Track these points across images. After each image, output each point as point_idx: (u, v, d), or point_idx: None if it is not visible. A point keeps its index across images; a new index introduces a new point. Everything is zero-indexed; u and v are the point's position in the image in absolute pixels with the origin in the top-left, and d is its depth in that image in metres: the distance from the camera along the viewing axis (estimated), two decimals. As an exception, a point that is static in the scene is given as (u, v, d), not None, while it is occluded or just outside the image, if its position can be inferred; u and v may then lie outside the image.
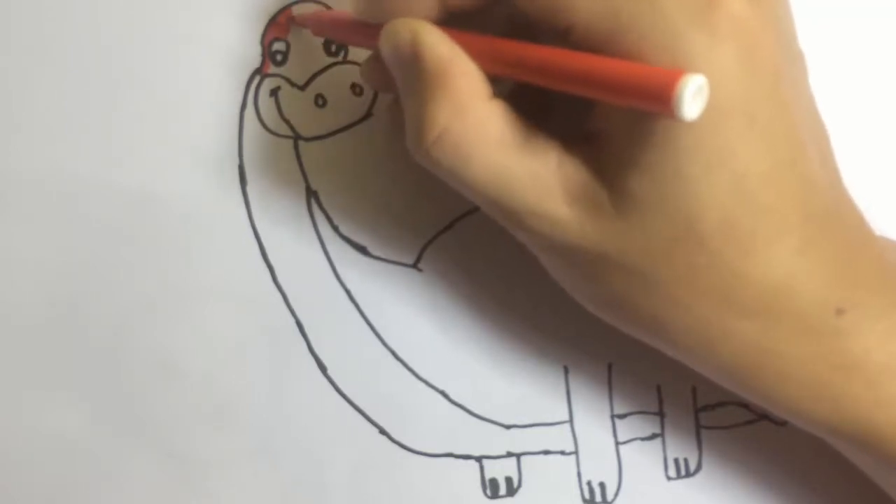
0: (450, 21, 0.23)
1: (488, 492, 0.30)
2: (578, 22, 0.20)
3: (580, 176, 0.22)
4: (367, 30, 0.24)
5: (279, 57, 0.29)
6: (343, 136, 0.29)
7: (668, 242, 0.21)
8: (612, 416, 0.31)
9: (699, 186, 0.20)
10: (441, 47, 0.22)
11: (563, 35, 0.21)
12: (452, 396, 0.30)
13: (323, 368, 0.30)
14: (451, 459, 0.30)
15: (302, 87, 0.29)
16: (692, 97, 0.18)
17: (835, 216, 0.22)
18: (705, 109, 0.18)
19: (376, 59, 0.25)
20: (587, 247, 0.22)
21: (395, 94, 0.25)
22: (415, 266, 0.30)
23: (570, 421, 0.31)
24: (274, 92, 0.29)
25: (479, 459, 0.30)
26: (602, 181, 0.22)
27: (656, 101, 0.18)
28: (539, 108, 0.23)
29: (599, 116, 0.22)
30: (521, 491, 0.30)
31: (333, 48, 0.29)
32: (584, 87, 0.20)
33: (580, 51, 0.20)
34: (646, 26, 0.20)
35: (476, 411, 0.30)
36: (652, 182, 0.21)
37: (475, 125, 0.21)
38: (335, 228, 0.30)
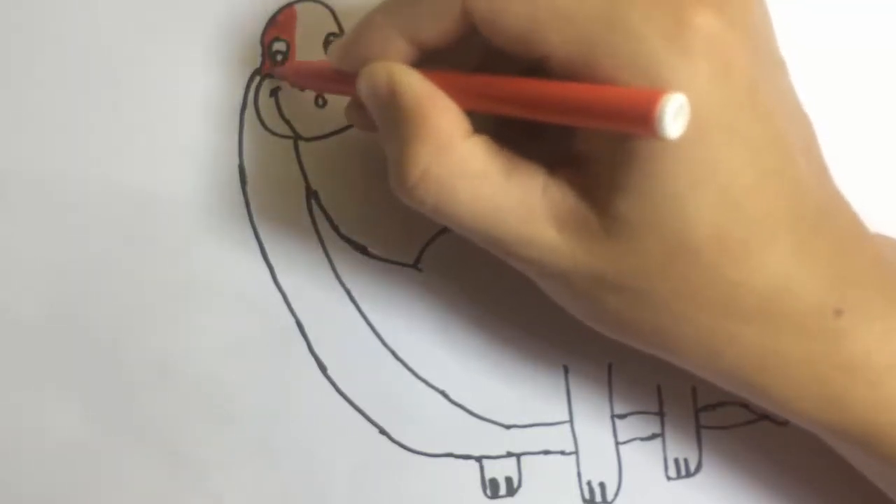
0: (424, 59, 0.23)
1: (488, 492, 0.30)
2: (553, 52, 0.20)
3: (567, 200, 0.22)
4: (346, 77, 0.24)
5: (279, 57, 0.29)
6: (343, 136, 0.29)
7: (662, 260, 0.21)
8: (612, 416, 0.31)
9: (686, 203, 0.20)
10: (417, 87, 0.22)
11: (538, 65, 0.21)
12: (452, 396, 0.30)
13: (323, 368, 0.30)
14: (451, 459, 0.30)
15: (302, 88, 0.29)
16: (673, 116, 0.18)
17: (826, 216, 0.22)
18: (687, 127, 0.18)
19: (356, 104, 0.25)
20: (580, 270, 0.22)
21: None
22: (415, 266, 0.30)
23: (570, 421, 0.31)
24: (274, 92, 0.29)
25: (479, 459, 0.30)
26: (590, 204, 0.22)
27: (638, 123, 0.18)
28: (522, 133, 0.23)
29: (583, 139, 0.22)
30: (521, 491, 0.30)
31: (333, 48, 0.29)
32: (565, 116, 0.20)
33: (556, 79, 0.20)
34: (619, 52, 0.20)
35: (476, 411, 0.30)
36: (639, 203, 0.21)
37: (457, 163, 0.22)
38: (335, 228, 0.30)
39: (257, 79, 0.29)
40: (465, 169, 0.22)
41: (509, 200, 0.22)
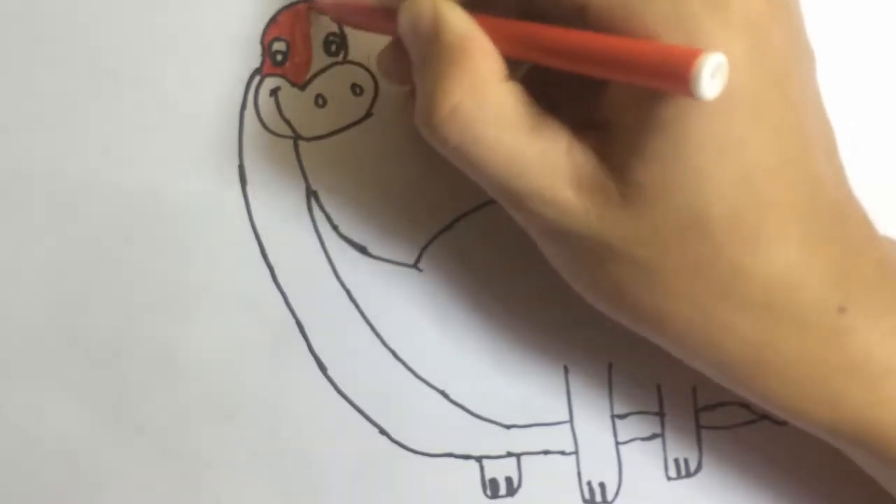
0: (465, 3, 0.23)
1: (488, 492, 0.30)
2: (593, 3, 0.20)
3: (589, 163, 0.22)
4: (386, 14, 0.24)
5: (279, 57, 0.29)
6: (343, 136, 0.29)
7: (673, 233, 0.21)
8: (612, 416, 0.31)
9: (706, 177, 0.20)
10: (461, 24, 0.22)
11: (576, 16, 0.21)
12: (452, 396, 0.30)
13: (323, 368, 0.30)
14: (451, 459, 0.30)
15: (302, 87, 0.29)
16: (710, 76, 0.18)
17: (839, 214, 0.22)
18: (720, 94, 0.18)
19: (394, 47, 0.25)
20: (591, 235, 0.22)
21: (409, 85, 0.25)
22: (415, 266, 0.30)
23: (570, 421, 0.31)
24: (274, 92, 0.29)
25: (479, 459, 0.30)
26: (610, 169, 0.22)
27: (674, 80, 0.18)
28: (549, 96, 0.23)
29: (609, 105, 0.22)
30: (521, 491, 0.30)
31: (333, 48, 0.29)
32: (602, 68, 0.20)
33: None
34: (661, 9, 0.20)
35: (476, 411, 0.30)
36: (660, 171, 0.21)
37: (489, 103, 0.21)
38: (335, 228, 0.30)
39: (257, 79, 0.29)
40: (495, 111, 0.22)
41: (532, 153, 0.22)
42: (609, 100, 0.22)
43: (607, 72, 0.20)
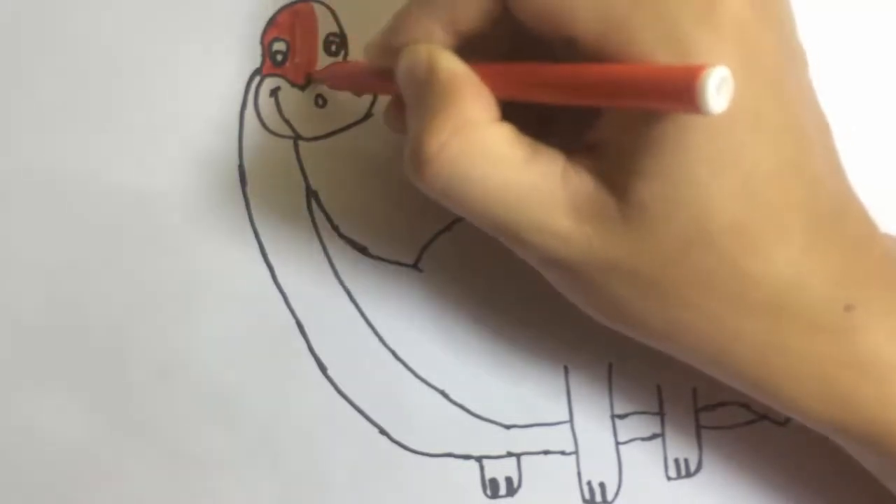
0: (459, 49, 0.23)
1: (488, 492, 0.30)
2: (582, 32, 0.20)
3: (585, 188, 0.22)
4: (385, 74, 0.24)
5: (279, 57, 0.29)
6: (343, 136, 0.29)
7: (679, 247, 0.21)
8: (612, 416, 0.31)
9: (708, 189, 0.20)
10: (455, 68, 0.22)
11: (566, 50, 0.21)
12: (452, 396, 0.30)
13: (323, 368, 0.30)
14: (451, 459, 0.30)
15: (302, 87, 0.29)
16: (716, 90, 0.18)
17: (840, 214, 0.22)
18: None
19: (395, 103, 0.25)
20: (594, 260, 0.22)
21: None
22: (415, 266, 0.30)
23: (570, 421, 0.31)
24: (274, 92, 0.29)
25: (479, 459, 0.30)
26: (608, 190, 0.21)
27: (681, 99, 0.18)
28: (540, 120, 0.23)
29: (604, 125, 0.22)
30: (521, 491, 0.30)
31: (333, 48, 0.29)
32: (604, 98, 0.20)
33: (587, 61, 0.20)
34: (650, 32, 0.20)
35: (476, 411, 0.30)
36: (660, 188, 0.21)
37: (476, 143, 0.21)
38: (335, 228, 0.30)
39: (257, 79, 0.29)
40: (483, 151, 0.21)
41: (526, 184, 0.22)
42: (603, 120, 0.22)
43: (610, 101, 0.20)
